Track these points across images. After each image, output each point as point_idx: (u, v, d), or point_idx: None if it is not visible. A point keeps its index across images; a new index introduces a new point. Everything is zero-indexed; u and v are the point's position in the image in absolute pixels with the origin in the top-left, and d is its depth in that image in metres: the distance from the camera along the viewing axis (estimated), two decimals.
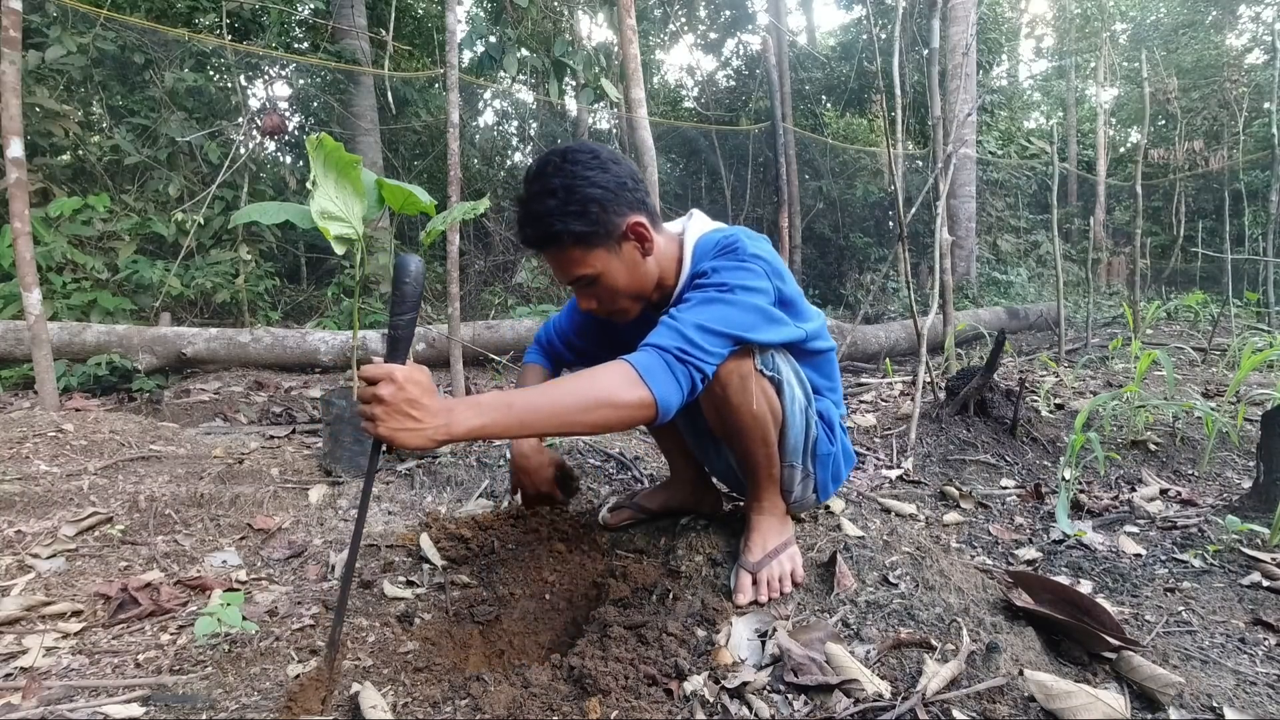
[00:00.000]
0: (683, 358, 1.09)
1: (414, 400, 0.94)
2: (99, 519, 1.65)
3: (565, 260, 1.23)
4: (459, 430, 0.97)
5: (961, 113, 6.11)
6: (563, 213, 1.18)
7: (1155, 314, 5.77)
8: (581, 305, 1.31)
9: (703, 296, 1.18)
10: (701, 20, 12.12)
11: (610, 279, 1.26)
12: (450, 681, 1.12)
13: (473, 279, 7.16)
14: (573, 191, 1.18)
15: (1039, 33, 18.05)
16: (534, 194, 1.20)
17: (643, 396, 1.05)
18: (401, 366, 0.96)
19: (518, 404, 1.01)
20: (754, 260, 1.22)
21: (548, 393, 1.03)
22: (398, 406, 0.94)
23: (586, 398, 1.03)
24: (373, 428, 0.95)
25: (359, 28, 6.85)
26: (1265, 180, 8.78)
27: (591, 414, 1.03)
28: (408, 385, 0.94)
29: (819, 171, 10.37)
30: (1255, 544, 1.65)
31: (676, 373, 1.09)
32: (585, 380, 1.05)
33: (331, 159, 1.93)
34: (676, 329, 1.12)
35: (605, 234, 1.22)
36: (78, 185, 5.21)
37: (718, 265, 1.21)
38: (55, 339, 3.69)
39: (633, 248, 1.26)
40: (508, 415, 0.99)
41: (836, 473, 1.48)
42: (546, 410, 1.01)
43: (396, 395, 0.94)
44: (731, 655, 1.12)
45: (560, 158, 1.21)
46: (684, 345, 1.10)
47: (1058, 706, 0.94)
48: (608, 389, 1.04)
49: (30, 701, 1.02)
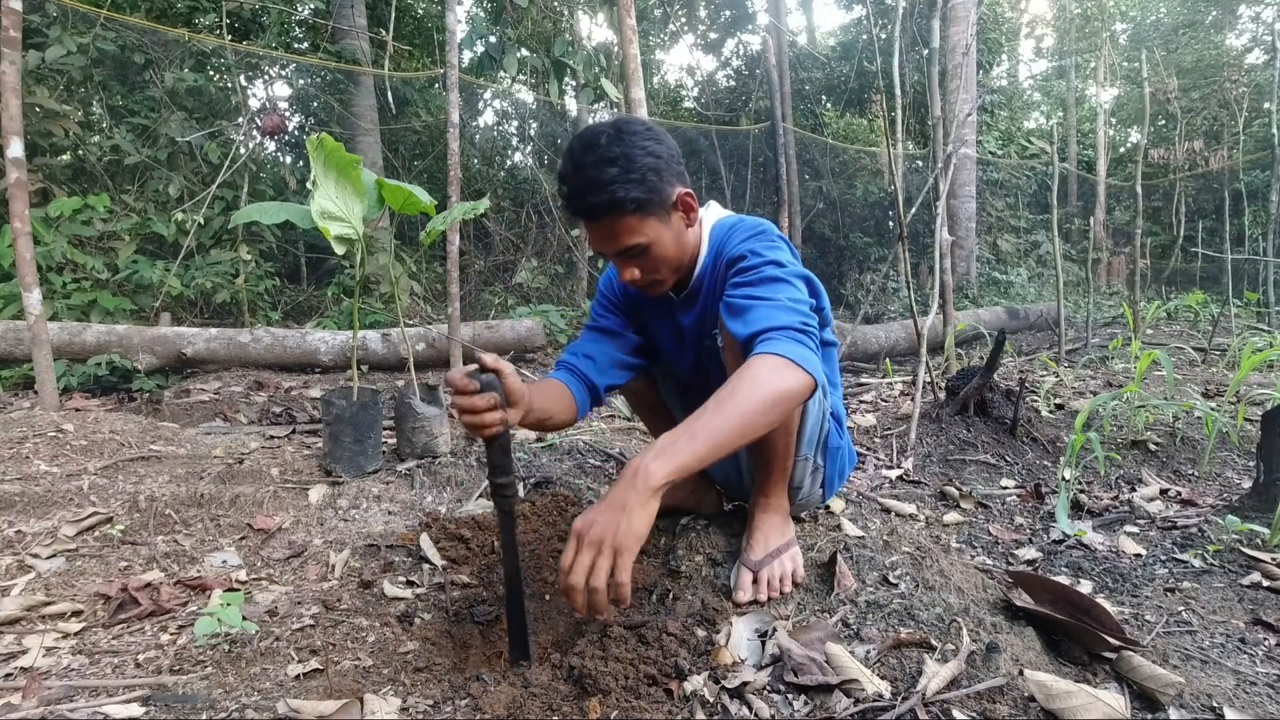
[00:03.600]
0: (804, 329, 1.13)
1: (609, 511, 0.97)
2: (99, 519, 1.65)
3: (620, 228, 1.24)
4: (660, 484, 0.98)
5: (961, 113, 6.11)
6: (625, 180, 1.19)
7: (1155, 314, 5.77)
8: (623, 276, 1.31)
9: (765, 275, 1.20)
10: (701, 20, 12.12)
11: (660, 248, 1.28)
12: (450, 681, 1.12)
13: (473, 279, 7.16)
14: (632, 160, 1.20)
15: (1039, 33, 18.06)
16: (590, 163, 1.20)
17: (804, 379, 1.07)
18: (580, 516, 1.00)
19: (700, 432, 1.01)
20: (781, 241, 1.28)
21: (722, 410, 1.03)
22: (609, 524, 0.96)
23: (761, 399, 1.03)
24: (602, 553, 0.96)
25: (359, 28, 6.85)
26: (1265, 180, 8.78)
27: (771, 413, 1.04)
28: (592, 518, 0.98)
29: (819, 171, 10.37)
30: (1255, 544, 1.65)
31: (809, 345, 1.12)
32: (747, 385, 1.04)
33: (331, 159, 1.93)
34: (778, 306, 1.15)
35: (659, 203, 1.25)
36: (78, 185, 5.21)
37: (756, 248, 1.24)
38: (55, 339, 3.69)
39: (680, 218, 1.30)
40: (694, 444, 1.00)
41: (842, 469, 1.50)
42: (731, 425, 1.01)
43: (598, 527, 0.97)
44: (731, 655, 1.12)
45: (614, 129, 1.23)
46: (800, 319, 1.14)
47: (1058, 706, 0.94)
48: (774, 385, 1.05)
49: (30, 701, 1.02)
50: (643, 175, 1.21)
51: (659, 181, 1.23)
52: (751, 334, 1.13)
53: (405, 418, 2.19)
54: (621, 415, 3.02)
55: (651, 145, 1.23)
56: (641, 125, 1.26)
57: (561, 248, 7.70)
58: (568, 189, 1.24)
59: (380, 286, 5.90)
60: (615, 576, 0.96)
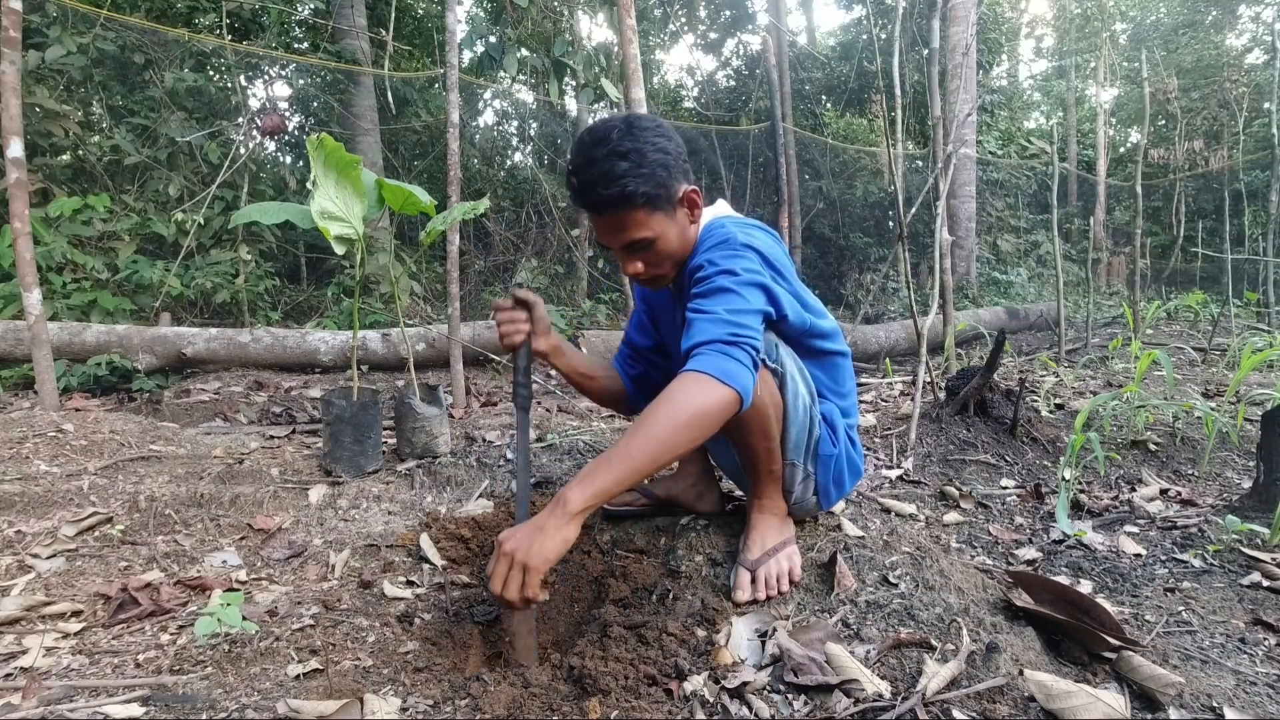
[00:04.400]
0: (735, 340, 1.13)
1: (528, 530, 1.05)
2: (99, 519, 1.65)
3: (628, 222, 1.26)
4: (578, 509, 1.04)
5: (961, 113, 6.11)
6: (636, 175, 1.21)
7: (1155, 314, 5.77)
8: (628, 270, 1.33)
9: (714, 286, 1.21)
10: (701, 20, 12.12)
11: (665, 243, 1.30)
12: (450, 681, 1.12)
13: (473, 279, 7.16)
14: (644, 155, 1.22)
15: (1039, 33, 18.06)
16: (602, 156, 1.22)
17: (724, 394, 1.08)
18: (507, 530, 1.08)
19: (616, 458, 1.05)
20: (744, 249, 1.27)
21: (638, 435, 1.06)
22: (523, 541, 1.04)
23: (676, 421, 1.06)
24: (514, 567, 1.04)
25: (359, 28, 6.85)
26: (1265, 180, 8.78)
27: (688, 432, 1.06)
28: (512, 532, 1.07)
29: (819, 171, 10.37)
30: (1255, 544, 1.65)
31: (738, 356, 1.12)
32: (664, 407, 1.07)
33: (332, 159, 1.93)
34: (712, 319, 1.16)
35: (667, 199, 1.27)
36: (78, 185, 5.21)
37: (714, 258, 1.25)
38: (55, 339, 3.69)
39: (685, 214, 1.33)
40: (611, 471, 1.05)
41: (839, 478, 1.47)
42: (646, 450, 1.04)
43: (512, 541, 1.05)
44: (731, 655, 1.12)
45: (626, 124, 1.25)
46: (730, 330, 1.14)
47: (1058, 706, 0.94)
48: (690, 403, 1.07)
49: (30, 701, 1.02)
50: (653, 170, 1.23)
51: (668, 177, 1.25)
52: (687, 348, 1.15)
53: (405, 418, 2.19)
54: (622, 415, 3.02)
55: (662, 142, 1.25)
56: (652, 121, 1.28)
57: (561, 248, 7.70)
58: (578, 181, 1.25)
59: (380, 286, 5.90)
60: (525, 592, 1.04)
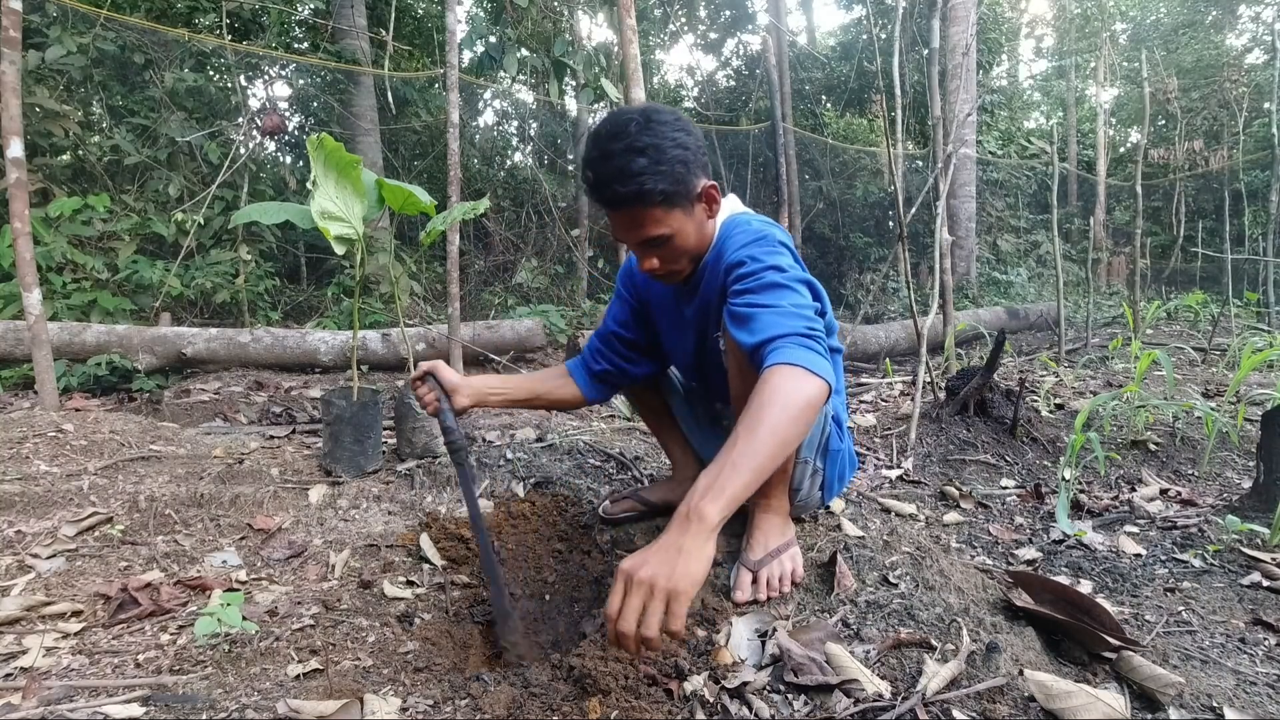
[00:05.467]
0: (810, 333, 1.11)
1: (664, 553, 0.92)
2: (99, 519, 1.65)
3: (645, 218, 1.23)
4: (716, 522, 0.94)
5: (961, 113, 6.12)
6: (654, 172, 1.18)
7: (1155, 314, 5.77)
8: (643, 266, 1.31)
9: (766, 281, 1.18)
10: (701, 20, 12.12)
11: (682, 239, 1.28)
12: (450, 681, 1.12)
13: (473, 279, 7.16)
14: (662, 151, 1.19)
15: (1039, 33, 18.06)
16: (618, 151, 1.19)
17: (819, 385, 1.05)
18: (629, 558, 0.94)
19: (741, 461, 0.98)
20: (781, 246, 1.26)
21: (756, 433, 1.00)
22: (662, 566, 0.90)
23: (789, 414, 1.02)
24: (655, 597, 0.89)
25: (359, 28, 6.85)
26: (1265, 180, 8.78)
27: (799, 424, 1.02)
28: (642, 559, 0.92)
29: (819, 171, 10.37)
30: (1255, 544, 1.65)
31: (817, 350, 1.10)
32: (772, 402, 1.03)
33: (332, 159, 1.93)
34: (780, 312, 1.13)
35: (685, 195, 1.24)
36: (78, 185, 5.21)
37: (756, 254, 1.22)
38: (55, 339, 3.69)
39: (702, 210, 1.30)
40: (739, 475, 0.97)
41: (842, 472, 1.49)
42: (770, 446, 0.99)
43: (648, 568, 0.90)
44: (731, 655, 1.12)
45: (643, 117, 1.21)
46: (804, 323, 1.12)
47: (1058, 706, 0.94)
48: (799, 394, 1.03)
49: (30, 701, 1.02)
50: (671, 167, 1.20)
51: (686, 173, 1.22)
52: (758, 343, 1.12)
53: (405, 418, 2.19)
54: (621, 415, 3.02)
55: (681, 136, 1.22)
56: (671, 114, 1.24)
57: (561, 248, 7.71)
58: (593, 175, 1.22)
59: (380, 286, 5.90)
60: (669, 625, 0.88)
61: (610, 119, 1.24)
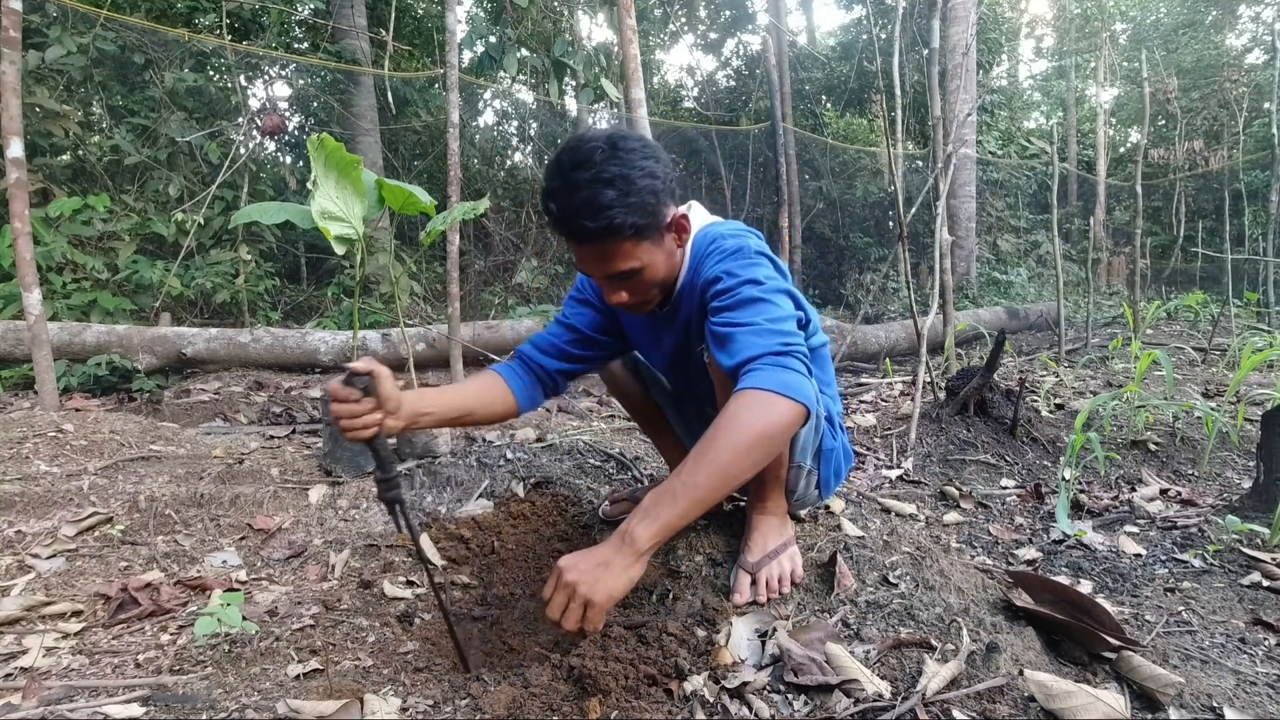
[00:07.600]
0: (787, 350, 1.09)
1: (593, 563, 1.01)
2: (99, 519, 1.65)
3: (614, 252, 1.16)
4: (645, 548, 1.01)
5: (961, 113, 6.12)
6: (623, 204, 1.11)
7: (1155, 314, 5.77)
8: (610, 299, 1.24)
9: (743, 296, 1.15)
10: (701, 20, 12.12)
11: (652, 271, 1.22)
12: (450, 681, 1.12)
13: (473, 279, 7.16)
14: (631, 182, 1.11)
15: (1039, 33, 18.06)
16: (584, 182, 1.11)
17: (789, 409, 1.03)
18: (568, 556, 1.04)
19: (680, 489, 1.00)
20: (759, 256, 1.23)
21: (702, 462, 1.01)
22: (587, 574, 1.00)
23: (739, 445, 1.00)
24: (575, 600, 1.00)
25: (359, 28, 6.85)
26: (1265, 180, 8.78)
27: (753, 455, 1.02)
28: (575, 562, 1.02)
29: (819, 171, 10.37)
30: (1255, 544, 1.65)
31: (794, 367, 1.08)
32: (727, 430, 1.01)
33: (332, 159, 1.94)
34: (755, 330, 1.11)
35: (655, 226, 1.18)
36: (78, 185, 5.21)
37: (732, 268, 1.19)
38: (55, 339, 3.69)
39: (672, 239, 1.24)
40: (675, 504, 1.00)
41: (838, 469, 1.48)
42: (712, 479, 1.00)
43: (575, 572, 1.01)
44: (731, 655, 1.12)
45: (609, 144, 1.13)
46: (779, 340, 1.09)
47: (1058, 706, 0.94)
48: (754, 425, 1.01)
49: (30, 701, 1.02)
50: (641, 198, 1.13)
51: (657, 204, 1.16)
52: (734, 365, 1.10)
53: None
54: (621, 415, 3.02)
55: (649, 165, 1.14)
56: (638, 141, 1.17)
57: (561, 248, 7.70)
58: (557, 208, 1.13)
59: (380, 286, 5.91)
60: (585, 625, 1.00)
61: (573, 146, 1.14)
